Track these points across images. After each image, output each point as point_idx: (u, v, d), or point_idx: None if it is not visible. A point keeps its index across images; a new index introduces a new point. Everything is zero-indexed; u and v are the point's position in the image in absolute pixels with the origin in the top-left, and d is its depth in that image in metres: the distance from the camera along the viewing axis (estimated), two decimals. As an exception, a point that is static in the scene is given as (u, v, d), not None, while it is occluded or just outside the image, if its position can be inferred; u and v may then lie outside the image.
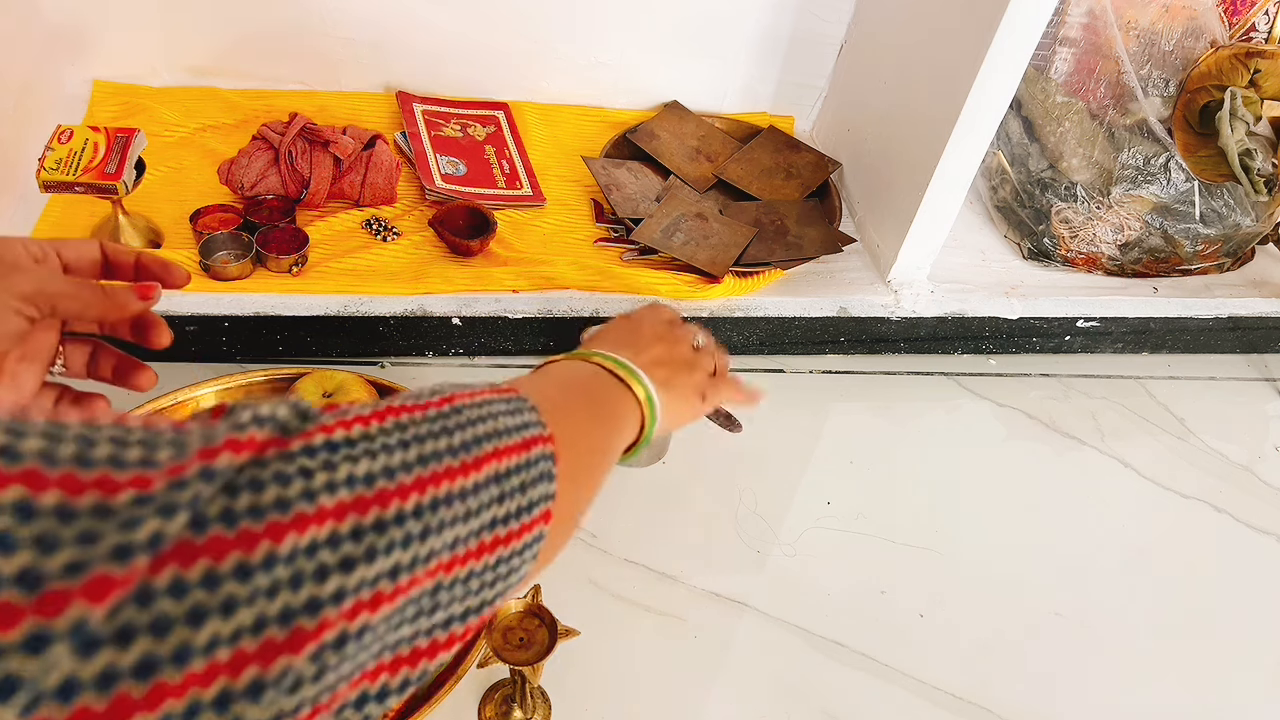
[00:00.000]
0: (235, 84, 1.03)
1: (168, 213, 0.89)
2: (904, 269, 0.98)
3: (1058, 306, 1.02)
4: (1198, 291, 1.08)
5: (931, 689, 0.75)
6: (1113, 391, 1.04)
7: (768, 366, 0.98)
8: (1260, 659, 0.82)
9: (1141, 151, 1.01)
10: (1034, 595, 0.83)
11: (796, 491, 0.87)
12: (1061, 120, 1.04)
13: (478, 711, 0.67)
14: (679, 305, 0.92)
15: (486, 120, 1.08)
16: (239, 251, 0.86)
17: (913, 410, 0.98)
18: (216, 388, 0.80)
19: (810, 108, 1.18)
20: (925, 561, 0.83)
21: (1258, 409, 1.07)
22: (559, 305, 0.89)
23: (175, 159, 0.95)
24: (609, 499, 0.82)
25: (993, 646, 0.79)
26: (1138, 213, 1.03)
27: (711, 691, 0.72)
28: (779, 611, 0.77)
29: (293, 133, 0.90)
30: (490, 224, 0.92)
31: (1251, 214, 1.05)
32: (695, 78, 1.13)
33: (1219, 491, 0.95)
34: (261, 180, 0.90)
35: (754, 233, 0.98)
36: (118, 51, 0.99)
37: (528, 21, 1.04)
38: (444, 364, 0.91)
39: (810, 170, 1.09)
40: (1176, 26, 0.98)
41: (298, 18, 1.00)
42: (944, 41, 0.88)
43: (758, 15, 1.08)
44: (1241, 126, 0.96)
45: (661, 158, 1.05)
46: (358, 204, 0.94)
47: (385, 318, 0.86)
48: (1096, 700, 0.77)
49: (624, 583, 0.77)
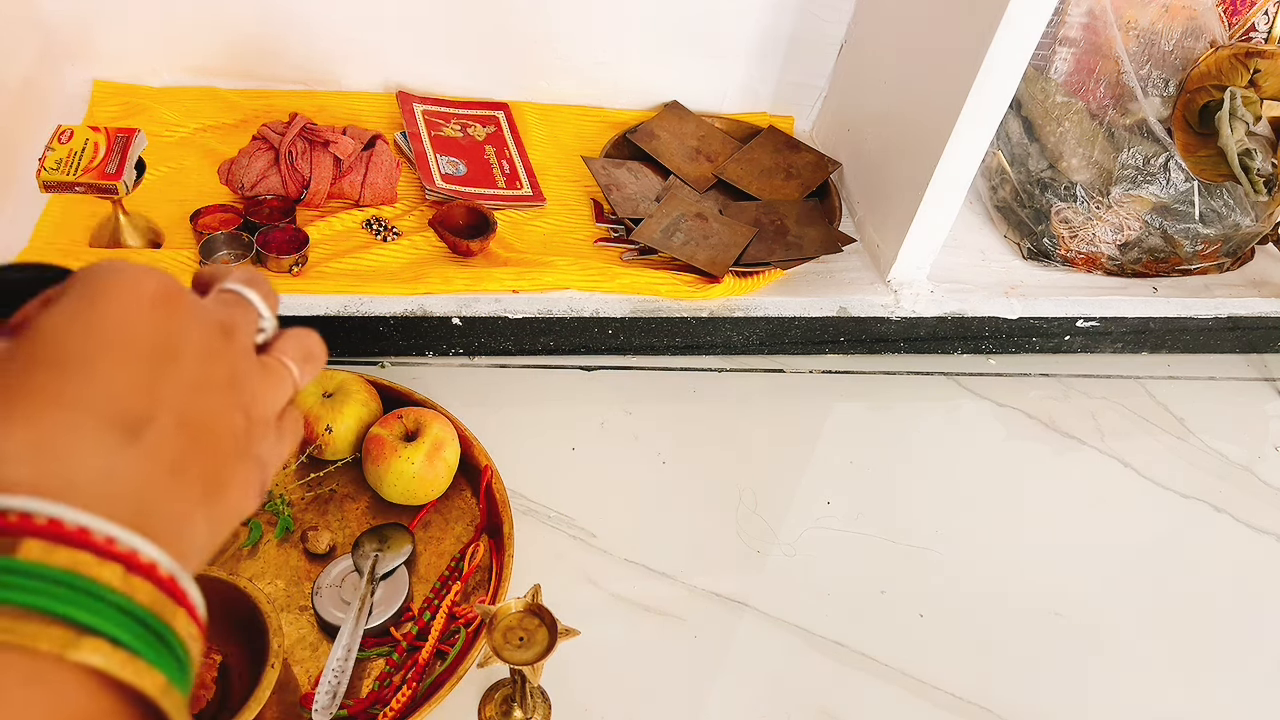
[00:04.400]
0: (235, 84, 1.03)
1: (168, 213, 0.89)
2: (904, 269, 0.98)
3: (1057, 306, 1.02)
4: (1197, 291, 1.08)
5: (931, 689, 0.75)
6: (1113, 391, 1.04)
7: (768, 366, 0.98)
8: (1260, 659, 0.82)
9: (1141, 151, 1.01)
10: (1034, 595, 0.83)
11: (796, 491, 0.87)
12: (1061, 120, 1.04)
13: (478, 711, 0.67)
14: (678, 305, 0.92)
15: (486, 120, 1.08)
16: (239, 251, 0.86)
17: (913, 410, 0.98)
18: (216, 388, 0.80)
19: (810, 108, 1.18)
20: (925, 561, 0.83)
21: (1258, 409, 1.07)
22: (559, 305, 0.89)
23: (175, 159, 0.95)
24: (609, 499, 0.82)
25: (993, 646, 0.79)
26: (1137, 213, 1.03)
27: (711, 691, 0.72)
28: (779, 611, 0.77)
29: (293, 133, 0.90)
30: (490, 224, 0.92)
31: (1251, 214, 1.05)
32: (695, 78, 1.13)
33: (1219, 491, 0.95)
34: (261, 180, 0.90)
35: (754, 233, 0.98)
36: (118, 51, 0.99)
37: (527, 21, 1.04)
38: (444, 364, 0.91)
39: (810, 170, 1.09)
40: (1176, 26, 0.98)
41: (298, 18, 1.00)
42: (944, 41, 0.88)
43: (758, 15, 1.08)
44: (1241, 126, 0.96)
45: (661, 158, 1.05)
46: (358, 204, 0.94)
47: (385, 318, 0.86)
48: (1096, 700, 0.77)
49: (624, 583, 0.77)
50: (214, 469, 0.30)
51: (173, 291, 0.30)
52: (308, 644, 0.68)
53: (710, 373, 0.96)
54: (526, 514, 0.79)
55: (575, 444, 0.86)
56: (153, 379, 0.29)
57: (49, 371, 0.27)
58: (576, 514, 0.80)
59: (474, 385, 0.89)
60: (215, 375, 0.31)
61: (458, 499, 0.78)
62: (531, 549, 0.76)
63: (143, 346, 0.29)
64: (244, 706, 0.59)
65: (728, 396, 0.94)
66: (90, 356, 0.28)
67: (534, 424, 0.87)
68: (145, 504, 0.27)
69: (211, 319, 0.32)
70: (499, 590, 0.71)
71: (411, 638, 0.68)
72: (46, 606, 0.23)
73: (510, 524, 0.74)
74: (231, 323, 0.32)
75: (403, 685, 0.65)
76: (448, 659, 0.67)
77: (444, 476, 0.76)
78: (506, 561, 0.72)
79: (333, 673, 0.64)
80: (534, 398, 0.90)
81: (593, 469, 0.85)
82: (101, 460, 0.27)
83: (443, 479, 0.76)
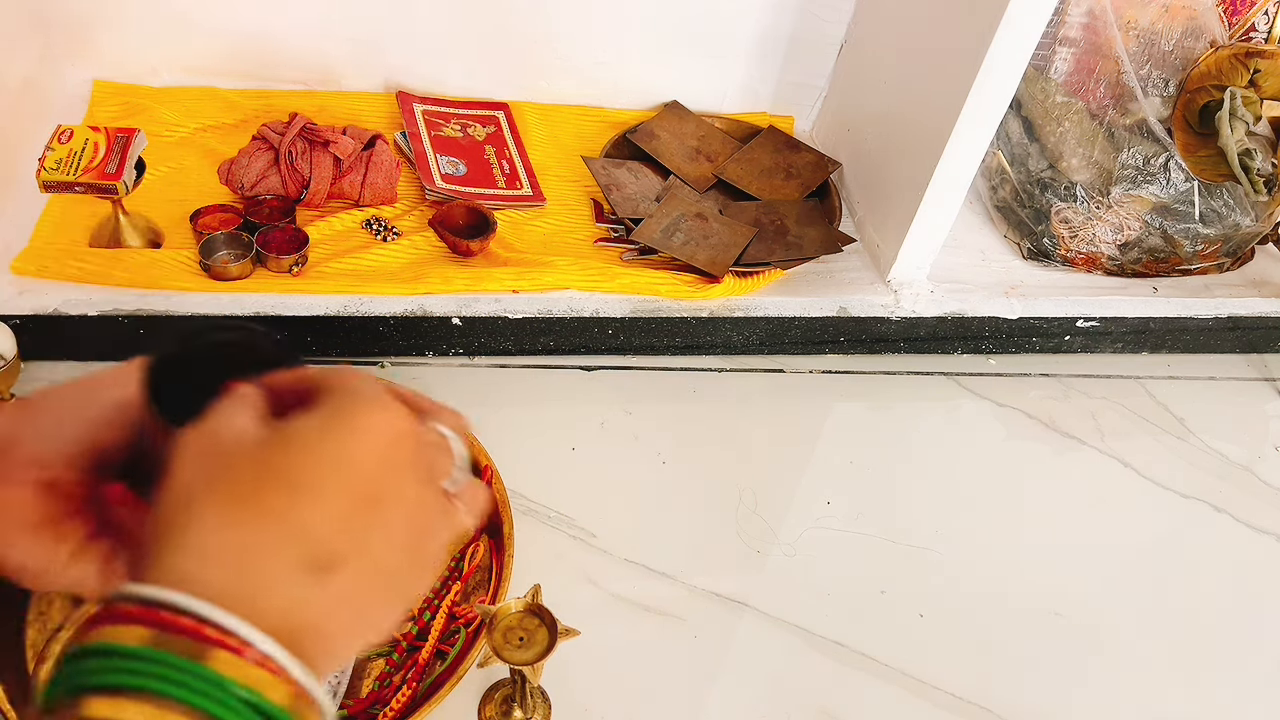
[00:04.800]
0: (235, 84, 1.03)
1: (168, 213, 0.89)
2: (904, 269, 0.98)
3: (1057, 306, 1.02)
4: (1197, 291, 1.08)
5: (931, 689, 0.75)
6: (1113, 391, 1.04)
7: (768, 366, 0.98)
8: (1260, 659, 0.82)
9: (1141, 151, 1.01)
10: (1034, 595, 0.83)
11: (796, 491, 0.87)
12: (1061, 120, 1.04)
13: (478, 711, 0.67)
14: (678, 305, 0.92)
15: (486, 120, 1.08)
16: (239, 251, 0.86)
17: (913, 410, 0.98)
18: (216, 388, 0.80)
19: (810, 108, 1.18)
20: (925, 561, 0.83)
21: (1258, 409, 1.07)
22: (559, 305, 0.89)
23: (175, 159, 0.95)
24: (609, 499, 0.82)
25: (993, 646, 0.79)
26: (1137, 213, 1.03)
27: (711, 691, 0.72)
28: (779, 611, 0.77)
29: (293, 133, 0.90)
30: (490, 224, 0.92)
31: (1251, 214, 1.05)
32: (695, 78, 1.13)
33: (1219, 491, 0.95)
34: (261, 180, 0.90)
35: (754, 233, 0.98)
36: (118, 51, 0.99)
37: (527, 21, 1.04)
38: (444, 364, 0.91)
39: (810, 170, 1.09)
40: (1176, 26, 0.98)
41: (297, 18, 1.00)
42: (944, 41, 0.88)
43: (758, 15, 1.08)
44: (1241, 126, 0.96)
45: (661, 158, 1.05)
46: (358, 204, 0.94)
47: (385, 318, 0.86)
48: (1096, 700, 0.77)
49: (624, 583, 0.77)
50: (384, 613, 0.32)
51: (408, 435, 0.33)
52: (308, 644, 0.68)
53: (710, 373, 0.96)
54: (526, 514, 0.79)
55: (575, 444, 0.86)
56: (362, 522, 0.31)
57: (283, 489, 0.30)
58: (576, 514, 0.80)
59: (474, 385, 0.89)
60: (411, 527, 0.33)
61: (458, 499, 0.78)
62: (531, 549, 0.76)
63: (368, 489, 0.31)
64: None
65: (728, 396, 0.94)
66: (321, 487, 0.30)
67: (534, 424, 0.87)
68: (318, 640, 0.29)
69: (423, 465, 0.34)
70: (499, 590, 0.71)
71: (411, 638, 0.68)
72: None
73: (510, 524, 0.74)
74: (434, 469, 0.35)
75: (403, 685, 0.65)
76: (448, 659, 0.67)
77: (444, 476, 0.76)
78: (506, 561, 0.72)
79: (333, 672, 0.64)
80: (534, 398, 0.90)
81: (593, 469, 0.85)
82: (293, 592, 0.29)
83: (443, 479, 0.76)
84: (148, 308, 0.81)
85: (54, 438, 0.35)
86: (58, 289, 0.80)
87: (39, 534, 0.35)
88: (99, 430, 0.36)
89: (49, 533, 0.35)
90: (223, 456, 0.30)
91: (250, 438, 0.31)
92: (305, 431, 0.31)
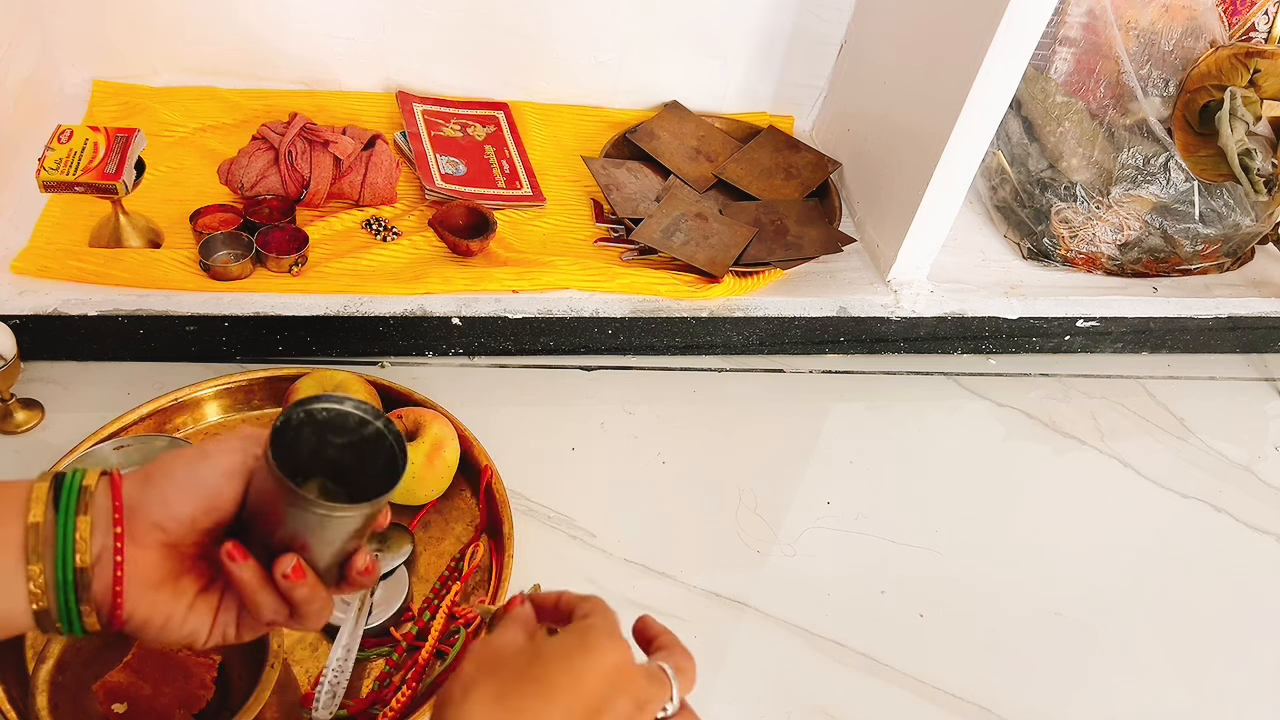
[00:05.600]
0: (235, 84, 1.03)
1: (167, 213, 0.89)
2: (904, 269, 0.98)
3: (1057, 306, 1.02)
4: (1198, 291, 1.08)
5: (932, 689, 0.75)
6: (1112, 391, 1.04)
7: (768, 366, 0.98)
8: (1260, 659, 0.82)
9: (1141, 151, 1.01)
10: (1034, 595, 0.83)
11: (796, 491, 0.87)
12: (1061, 120, 1.04)
13: (478, 711, 0.67)
14: (678, 305, 0.92)
15: (486, 120, 1.08)
16: (239, 251, 0.86)
17: (912, 410, 0.98)
18: (216, 388, 0.80)
19: (810, 108, 1.18)
20: (925, 561, 0.83)
21: (1258, 409, 1.07)
22: (559, 305, 0.89)
23: (175, 159, 0.95)
24: (609, 499, 0.82)
25: (993, 646, 0.79)
26: (1137, 213, 1.03)
27: (711, 691, 0.72)
28: (779, 611, 0.77)
29: (293, 133, 0.90)
30: (490, 224, 0.92)
31: (1251, 214, 1.05)
32: (695, 78, 1.13)
33: (1219, 491, 0.95)
34: (261, 180, 0.90)
35: (754, 233, 0.98)
36: (118, 51, 0.99)
37: (528, 21, 1.04)
38: (444, 364, 0.91)
39: (810, 170, 1.09)
40: (1176, 26, 0.98)
41: (298, 18, 1.00)
42: (944, 41, 0.88)
43: (758, 15, 1.08)
44: (1241, 126, 0.96)
45: (661, 158, 1.05)
46: (358, 204, 0.94)
47: (385, 318, 0.86)
48: (1096, 700, 0.77)
49: (624, 582, 0.77)
50: None
51: (628, 665, 0.43)
52: (307, 644, 0.68)
53: (710, 373, 0.96)
54: (526, 514, 0.79)
55: (575, 444, 0.86)
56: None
57: (532, 690, 0.41)
58: (576, 514, 0.80)
59: (474, 385, 0.89)
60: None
61: (457, 499, 0.78)
62: (531, 549, 0.76)
63: (593, 701, 0.41)
64: (244, 707, 0.59)
65: (728, 396, 0.94)
66: (560, 693, 0.40)
67: (534, 424, 0.87)
68: None
69: (637, 693, 0.42)
70: (499, 590, 0.71)
71: (411, 638, 0.68)
72: None
73: (510, 524, 0.74)
74: (648, 699, 0.43)
75: (402, 685, 0.65)
76: (447, 659, 0.67)
77: (444, 477, 0.76)
78: (506, 561, 0.72)
79: (332, 673, 0.64)
80: (534, 398, 0.90)
81: (593, 469, 0.85)
82: None
83: (442, 479, 0.76)
84: (147, 308, 0.81)
85: (173, 503, 0.42)
86: (58, 289, 0.80)
87: (160, 590, 0.42)
88: (210, 497, 0.43)
89: (169, 588, 0.43)
90: (497, 659, 0.42)
91: (516, 648, 0.43)
92: (555, 650, 0.43)
